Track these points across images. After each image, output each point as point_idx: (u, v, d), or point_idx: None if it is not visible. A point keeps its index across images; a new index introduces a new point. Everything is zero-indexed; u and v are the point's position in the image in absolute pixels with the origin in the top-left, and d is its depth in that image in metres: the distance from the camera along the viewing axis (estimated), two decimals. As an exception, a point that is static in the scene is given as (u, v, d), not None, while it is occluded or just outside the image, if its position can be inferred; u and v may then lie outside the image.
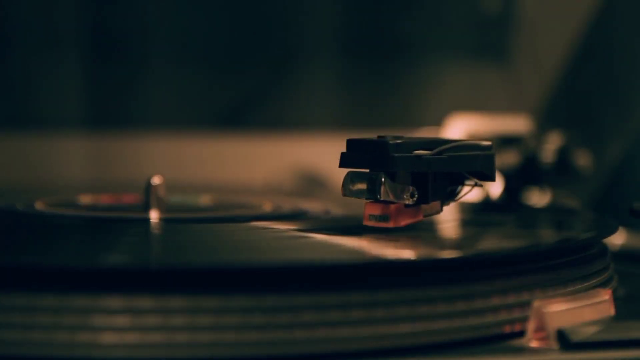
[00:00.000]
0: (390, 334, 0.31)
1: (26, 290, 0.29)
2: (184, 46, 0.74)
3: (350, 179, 0.38)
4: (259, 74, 0.75)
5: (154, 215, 0.44)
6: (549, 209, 0.56)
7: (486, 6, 0.76)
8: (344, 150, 0.38)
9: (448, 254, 0.36)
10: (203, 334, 0.29)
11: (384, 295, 0.31)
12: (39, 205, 0.48)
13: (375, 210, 0.38)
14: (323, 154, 0.68)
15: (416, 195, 0.38)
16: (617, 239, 0.51)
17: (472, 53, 0.77)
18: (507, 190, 0.58)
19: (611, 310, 0.35)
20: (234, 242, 0.37)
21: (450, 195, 0.40)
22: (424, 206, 0.39)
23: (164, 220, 0.43)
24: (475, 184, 0.40)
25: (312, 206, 0.49)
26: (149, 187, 0.45)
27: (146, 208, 0.45)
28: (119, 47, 0.72)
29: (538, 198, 0.59)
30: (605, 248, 0.41)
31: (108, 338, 0.29)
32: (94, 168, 0.71)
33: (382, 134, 0.39)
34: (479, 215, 0.49)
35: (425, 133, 0.68)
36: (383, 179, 0.37)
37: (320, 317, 0.30)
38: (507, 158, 0.59)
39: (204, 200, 0.52)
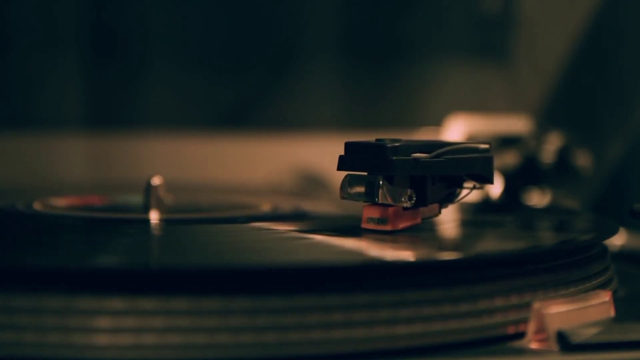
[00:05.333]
0: (389, 335, 0.31)
1: (24, 291, 0.29)
2: (184, 46, 0.74)
3: (348, 182, 0.38)
4: (259, 74, 0.75)
5: (153, 216, 0.44)
6: (549, 209, 0.56)
7: (486, 6, 0.76)
8: (343, 151, 0.38)
9: (447, 256, 0.36)
10: (205, 335, 0.29)
11: (382, 296, 0.31)
12: (38, 206, 0.48)
13: (374, 213, 0.38)
14: (323, 154, 0.68)
15: (414, 199, 0.38)
16: (618, 240, 0.51)
17: (472, 53, 0.77)
18: (507, 190, 0.58)
19: (611, 312, 0.35)
20: (233, 243, 0.37)
21: (448, 198, 0.40)
22: (422, 209, 0.39)
23: (164, 221, 0.43)
24: (474, 187, 0.40)
25: (312, 206, 0.49)
26: (149, 187, 0.45)
27: (146, 208, 0.45)
28: (119, 47, 0.72)
29: (538, 198, 0.59)
30: (605, 249, 0.40)
31: (103, 339, 0.29)
32: (94, 168, 0.71)
33: (382, 134, 0.39)
34: (478, 216, 0.49)
35: (425, 133, 0.68)
36: (381, 182, 0.37)
37: (314, 319, 0.30)
38: (507, 158, 0.59)
39: None
